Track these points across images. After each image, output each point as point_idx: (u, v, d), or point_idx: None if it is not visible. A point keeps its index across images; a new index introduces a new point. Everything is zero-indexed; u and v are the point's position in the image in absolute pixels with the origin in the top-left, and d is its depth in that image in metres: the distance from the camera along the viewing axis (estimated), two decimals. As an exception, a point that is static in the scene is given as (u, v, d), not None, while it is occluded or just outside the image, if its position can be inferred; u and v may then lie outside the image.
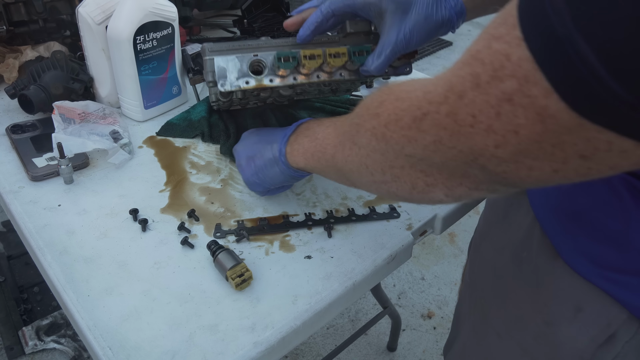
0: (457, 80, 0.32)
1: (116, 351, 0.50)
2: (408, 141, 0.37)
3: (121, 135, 0.76)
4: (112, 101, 0.88)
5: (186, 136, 0.82)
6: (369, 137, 0.42)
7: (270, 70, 0.62)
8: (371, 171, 0.44)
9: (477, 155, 0.32)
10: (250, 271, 0.57)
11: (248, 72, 0.61)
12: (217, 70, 0.60)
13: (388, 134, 0.39)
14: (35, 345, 1.40)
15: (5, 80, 0.90)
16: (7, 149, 0.77)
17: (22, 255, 1.66)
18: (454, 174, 0.37)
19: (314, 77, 0.64)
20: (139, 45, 0.77)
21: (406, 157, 0.39)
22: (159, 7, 0.78)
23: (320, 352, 1.47)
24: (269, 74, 0.62)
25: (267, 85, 0.62)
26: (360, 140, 0.43)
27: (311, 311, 0.55)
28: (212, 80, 0.61)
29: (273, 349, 0.52)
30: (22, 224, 0.64)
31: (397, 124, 0.38)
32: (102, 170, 0.74)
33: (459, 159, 0.34)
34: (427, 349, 1.50)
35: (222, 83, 0.60)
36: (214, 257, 0.58)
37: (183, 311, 0.54)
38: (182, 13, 1.02)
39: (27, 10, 0.90)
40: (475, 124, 0.31)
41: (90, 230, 0.63)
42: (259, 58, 0.62)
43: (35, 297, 1.54)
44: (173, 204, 0.69)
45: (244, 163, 0.65)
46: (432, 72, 3.06)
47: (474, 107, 0.31)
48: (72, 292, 0.55)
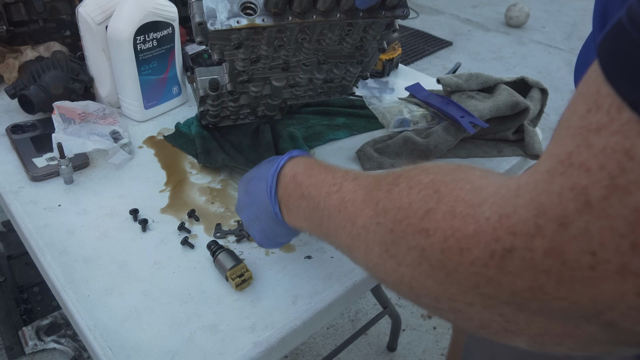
0: (549, 200, 0.23)
1: (116, 351, 0.50)
2: (486, 281, 0.26)
3: (121, 136, 0.76)
4: (112, 101, 0.88)
5: (187, 151, 0.79)
6: (415, 258, 0.30)
7: (262, 10, 0.59)
8: (417, 293, 0.32)
9: (603, 308, 0.23)
10: (250, 271, 0.57)
11: (239, 12, 0.58)
12: (206, 10, 0.57)
13: (450, 265, 0.28)
14: (35, 345, 1.40)
15: (5, 80, 0.90)
16: (7, 149, 0.77)
17: (22, 255, 1.66)
18: (551, 327, 0.26)
19: (309, 17, 0.61)
20: (139, 45, 0.77)
21: (480, 296, 0.28)
22: (159, 7, 0.78)
23: (320, 352, 1.47)
24: (261, 14, 0.59)
25: (259, 25, 0.58)
26: (402, 257, 0.32)
27: (311, 311, 0.55)
28: (200, 21, 0.57)
29: (273, 349, 0.52)
30: (22, 224, 0.64)
31: (462, 256, 0.27)
32: (102, 170, 0.74)
33: (571, 312, 0.24)
34: (427, 349, 1.50)
35: (212, 22, 0.57)
36: (214, 257, 0.58)
37: (183, 311, 0.54)
38: (182, 13, 1.02)
39: (27, 10, 0.90)
40: (598, 264, 0.22)
41: (91, 230, 0.63)
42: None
43: (35, 297, 1.54)
44: (173, 204, 0.69)
45: (249, 226, 0.56)
46: (432, 72, 3.06)
47: (591, 240, 0.21)
48: (72, 292, 0.55)
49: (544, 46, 3.58)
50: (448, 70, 1.35)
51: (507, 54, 3.47)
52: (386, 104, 0.93)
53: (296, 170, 0.47)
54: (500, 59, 3.39)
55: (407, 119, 0.86)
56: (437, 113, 0.86)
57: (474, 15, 4.00)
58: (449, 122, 0.81)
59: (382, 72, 1.05)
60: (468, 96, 0.86)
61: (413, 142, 0.79)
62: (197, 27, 0.58)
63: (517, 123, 0.83)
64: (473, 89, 0.87)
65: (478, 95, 0.86)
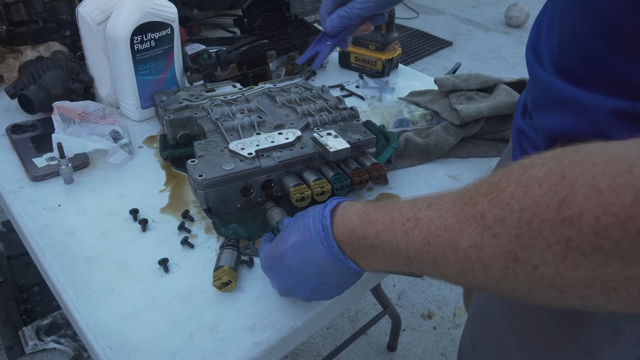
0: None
1: (116, 351, 0.50)
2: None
3: (121, 135, 0.76)
4: (112, 101, 0.88)
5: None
6: (559, 252, 0.29)
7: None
8: (561, 289, 0.30)
9: None
10: (231, 276, 0.55)
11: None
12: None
13: (608, 245, 0.27)
14: (35, 345, 1.40)
15: (5, 80, 0.90)
16: (7, 149, 0.77)
17: (22, 255, 1.66)
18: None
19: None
20: (137, 45, 0.77)
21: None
22: (158, 7, 0.78)
23: (320, 352, 1.47)
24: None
25: None
26: (539, 258, 0.30)
27: (311, 311, 0.55)
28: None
29: (273, 349, 0.52)
30: (22, 224, 0.64)
31: (625, 228, 0.26)
32: (102, 170, 0.74)
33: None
34: (427, 349, 1.50)
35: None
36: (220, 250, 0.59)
37: (183, 311, 0.54)
38: (182, 13, 1.02)
39: (27, 10, 0.90)
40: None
41: (90, 230, 0.63)
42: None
43: (35, 297, 1.54)
44: (173, 204, 0.69)
45: (292, 291, 0.52)
46: (432, 72, 3.06)
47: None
48: (72, 292, 0.55)
49: (544, 46, 3.57)
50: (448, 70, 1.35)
51: (507, 54, 3.47)
52: (386, 103, 0.93)
53: (350, 225, 0.44)
54: (500, 59, 3.39)
55: (407, 119, 0.86)
56: (437, 113, 0.86)
57: (474, 15, 4.00)
58: (449, 122, 0.81)
59: (382, 72, 1.05)
60: (467, 96, 0.86)
61: (414, 143, 0.79)
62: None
63: (517, 123, 0.83)
64: (472, 89, 0.87)
65: (477, 95, 0.86)
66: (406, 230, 0.38)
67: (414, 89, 0.97)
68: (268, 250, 0.52)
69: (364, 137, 0.71)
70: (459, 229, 0.34)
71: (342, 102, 0.79)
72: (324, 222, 0.45)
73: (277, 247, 0.50)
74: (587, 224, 0.27)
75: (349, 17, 0.67)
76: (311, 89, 0.83)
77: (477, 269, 0.33)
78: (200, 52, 0.94)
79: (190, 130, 0.77)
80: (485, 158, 0.82)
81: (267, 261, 0.52)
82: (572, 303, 0.31)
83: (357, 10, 0.66)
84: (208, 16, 1.24)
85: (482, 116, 0.80)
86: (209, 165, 0.64)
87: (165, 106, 0.78)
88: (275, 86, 0.85)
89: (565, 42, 0.45)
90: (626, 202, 0.25)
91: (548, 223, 0.28)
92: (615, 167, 0.26)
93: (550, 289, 0.31)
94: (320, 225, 0.45)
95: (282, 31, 1.03)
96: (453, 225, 0.34)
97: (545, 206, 0.28)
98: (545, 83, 0.47)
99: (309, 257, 0.46)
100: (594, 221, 0.26)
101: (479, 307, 0.67)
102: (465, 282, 0.36)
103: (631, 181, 0.25)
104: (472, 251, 0.33)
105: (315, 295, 0.50)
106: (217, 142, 0.69)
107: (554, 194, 0.28)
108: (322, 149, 0.67)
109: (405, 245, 0.38)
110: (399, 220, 0.39)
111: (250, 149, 0.66)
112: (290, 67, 1.01)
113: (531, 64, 0.50)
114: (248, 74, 0.93)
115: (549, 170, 0.29)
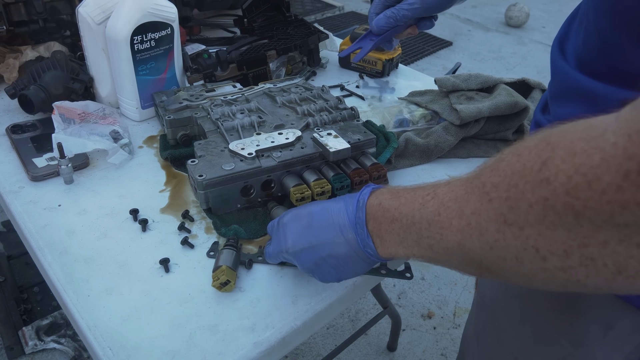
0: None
1: (116, 351, 0.50)
2: (622, 207, 0.26)
3: (121, 135, 0.76)
4: (112, 101, 0.88)
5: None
6: (539, 212, 0.30)
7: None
8: (543, 255, 0.31)
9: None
10: (230, 276, 0.55)
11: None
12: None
13: (578, 205, 0.28)
14: (35, 345, 1.40)
15: (5, 80, 0.90)
16: (7, 149, 0.77)
17: (22, 255, 1.66)
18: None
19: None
20: (137, 45, 0.77)
21: (615, 229, 0.27)
22: (158, 7, 0.78)
23: (320, 352, 1.47)
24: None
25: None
26: (524, 219, 0.31)
27: (311, 311, 0.55)
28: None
29: (273, 349, 0.52)
30: (22, 224, 0.64)
31: (591, 188, 0.27)
32: (102, 170, 0.74)
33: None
34: (427, 349, 1.50)
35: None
36: (219, 250, 0.59)
37: (183, 311, 0.54)
38: (182, 13, 1.02)
39: (27, 10, 0.90)
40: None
41: (90, 230, 0.63)
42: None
43: (35, 297, 1.54)
44: (173, 204, 0.69)
45: (314, 270, 0.52)
46: (432, 72, 3.06)
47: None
48: (72, 292, 0.55)
49: (544, 46, 3.58)
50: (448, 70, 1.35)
51: (507, 54, 3.47)
52: (386, 103, 0.93)
53: (381, 198, 0.46)
54: (500, 59, 3.39)
55: (407, 119, 0.86)
56: (437, 113, 0.86)
57: (474, 15, 4.00)
58: (449, 122, 0.81)
59: (382, 72, 1.05)
60: (467, 96, 0.86)
61: (414, 144, 0.79)
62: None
63: (516, 123, 0.83)
64: (472, 89, 0.87)
65: (477, 95, 0.86)
66: (423, 203, 0.41)
67: (414, 89, 0.97)
68: (292, 209, 0.54)
69: (364, 137, 0.71)
70: (465, 199, 0.36)
71: (342, 102, 0.80)
72: (361, 197, 0.48)
73: (306, 206, 0.53)
74: (560, 183, 0.28)
75: (395, 17, 0.70)
76: (311, 89, 0.83)
77: (474, 236, 0.35)
78: (200, 52, 0.94)
79: (191, 130, 0.77)
80: (485, 158, 0.82)
81: (288, 215, 0.53)
82: (555, 276, 0.32)
83: (404, 12, 0.70)
84: (208, 16, 1.24)
85: (482, 116, 0.80)
86: (209, 165, 0.64)
87: (165, 106, 0.78)
88: (275, 86, 0.85)
89: (589, 37, 0.46)
90: (594, 163, 0.26)
91: (530, 184, 0.30)
92: (591, 132, 0.28)
93: (535, 254, 0.32)
94: (356, 198, 0.48)
95: (282, 31, 1.03)
96: (462, 196, 0.37)
97: (530, 169, 0.30)
98: (564, 74, 0.49)
99: (333, 221, 0.48)
100: (566, 180, 0.28)
101: (483, 297, 0.68)
102: (463, 254, 0.37)
103: (601, 144, 0.26)
104: (472, 217, 0.35)
105: (316, 267, 0.51)
106: (217, 142, 0.69)
107: (537, 157, 0.30)
108: (322, 149, 0.67)
109: (420, 216, 0.41)
110: (420, 194, 0.42)
111: (251, 149, 0.66)
112: (290, 67, 1.01)
113: (554, 57, 0.52)
114: (248, 74, 0.93)
115: (539, 138, 0.31)
